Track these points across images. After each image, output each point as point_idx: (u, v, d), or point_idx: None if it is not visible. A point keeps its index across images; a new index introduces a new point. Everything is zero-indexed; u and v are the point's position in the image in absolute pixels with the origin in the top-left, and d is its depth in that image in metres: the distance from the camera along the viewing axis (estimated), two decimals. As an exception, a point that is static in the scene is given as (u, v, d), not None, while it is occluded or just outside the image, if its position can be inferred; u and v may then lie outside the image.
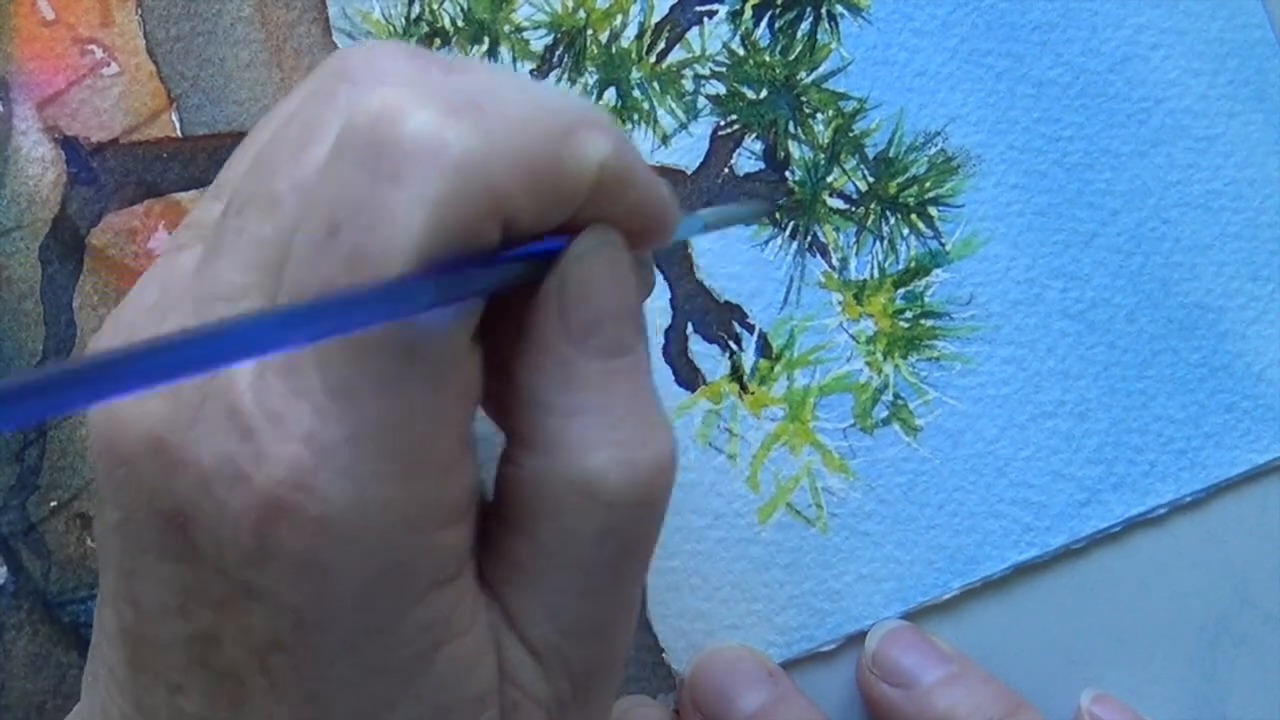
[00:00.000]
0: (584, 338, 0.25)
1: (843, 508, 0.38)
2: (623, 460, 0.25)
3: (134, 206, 0.38)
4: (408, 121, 0.23)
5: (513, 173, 0.23)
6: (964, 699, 0.35)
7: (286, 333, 0.20)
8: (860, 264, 0.38)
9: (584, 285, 0.25)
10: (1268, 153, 0.38)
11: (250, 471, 0.23)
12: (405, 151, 0.22)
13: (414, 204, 0.22)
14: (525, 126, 0.23)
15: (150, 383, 0.18)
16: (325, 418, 0.22)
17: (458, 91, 0.23)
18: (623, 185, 0.25)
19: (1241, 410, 0.38)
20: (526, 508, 0.25)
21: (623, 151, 0.25)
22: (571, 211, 0.25)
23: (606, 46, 0.38)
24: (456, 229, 0.22)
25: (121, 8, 0.38)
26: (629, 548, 0.26)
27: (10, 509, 0.37)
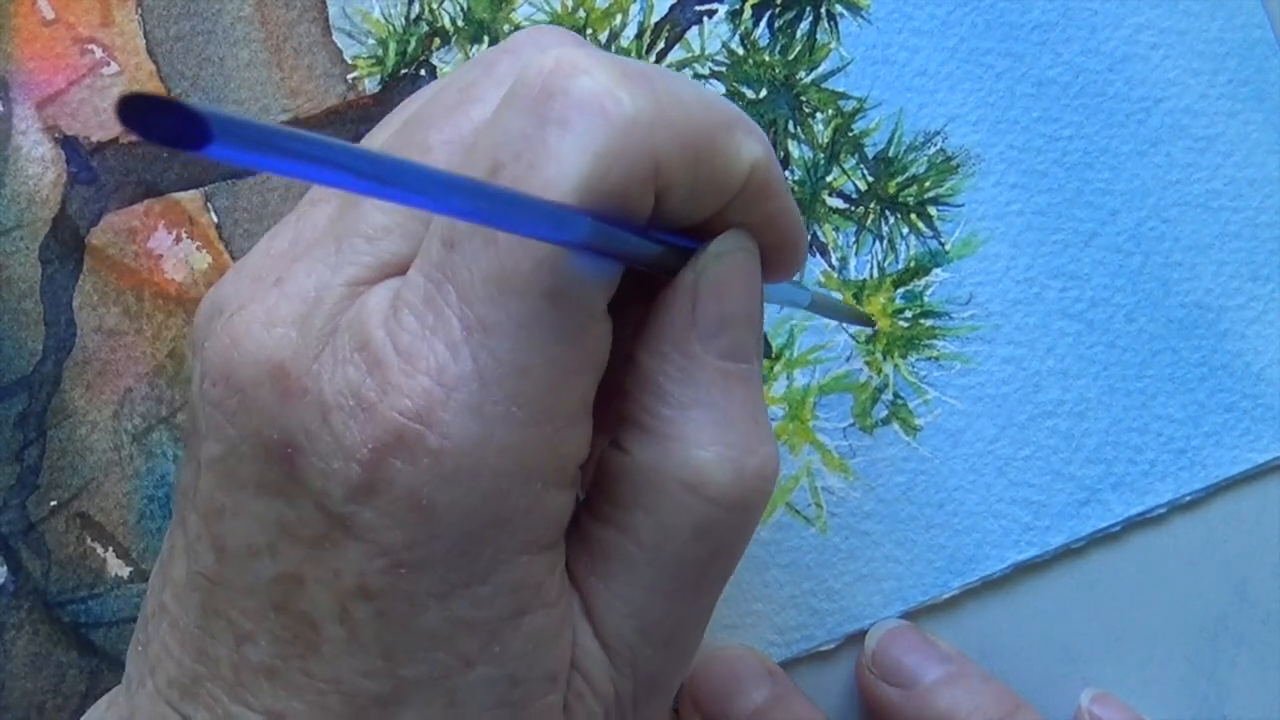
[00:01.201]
0: (711, 335, 0.25)
1: (842, 507, 0.38)
2: (731, 460, 0.25)
3: (134, 206, 0.38)
4: (583, 76, 0.23)
5: (675, 145, 0.23)
6: (963, 699, 0.35)
7: (454, 192, 0.20)
8: (860, 264, 0.38)
9: (719, 284, 0.25)
10: (1268, 153, 0.38)
11: (374, 401, 0.23)
12: (577, 101, 0.23)
13: (579, 149, 0.22)
14: (692, 108, 0.24)
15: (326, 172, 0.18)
16: (458, 354, 0.23)
17: (631, 64, 0.24)
18: (767, 193, 0.25)
19: (1241, 410, 0.38)
20: (625, 497, 0.25)
21: (773, 161, 0.25)
22: (721, 203, 0.25)
23: (606, 46, 0.38)
24: (615, 183, 0.23)
25: (121, 7, 0.38)
26: (720, 551, 0.26)
27: (10, 509, 0.37)
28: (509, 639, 0.24)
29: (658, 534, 0.25)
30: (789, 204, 0.27)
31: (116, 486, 0.37)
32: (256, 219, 0.38)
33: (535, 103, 0.23)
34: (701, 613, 0.27)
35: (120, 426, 0.37)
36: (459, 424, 0.23)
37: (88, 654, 0.37)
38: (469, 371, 0.23)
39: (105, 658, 0.37)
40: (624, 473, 0.25)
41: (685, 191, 0.24)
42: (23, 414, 0.37)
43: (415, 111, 0.26)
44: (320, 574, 0.24)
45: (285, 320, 0.24)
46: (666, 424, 0.25)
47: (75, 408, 0.37)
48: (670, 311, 0.25)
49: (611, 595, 0.26)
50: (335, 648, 0.24)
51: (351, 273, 0.24)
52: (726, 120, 0.25)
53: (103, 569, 0.37)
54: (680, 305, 0.25)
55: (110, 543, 0.37)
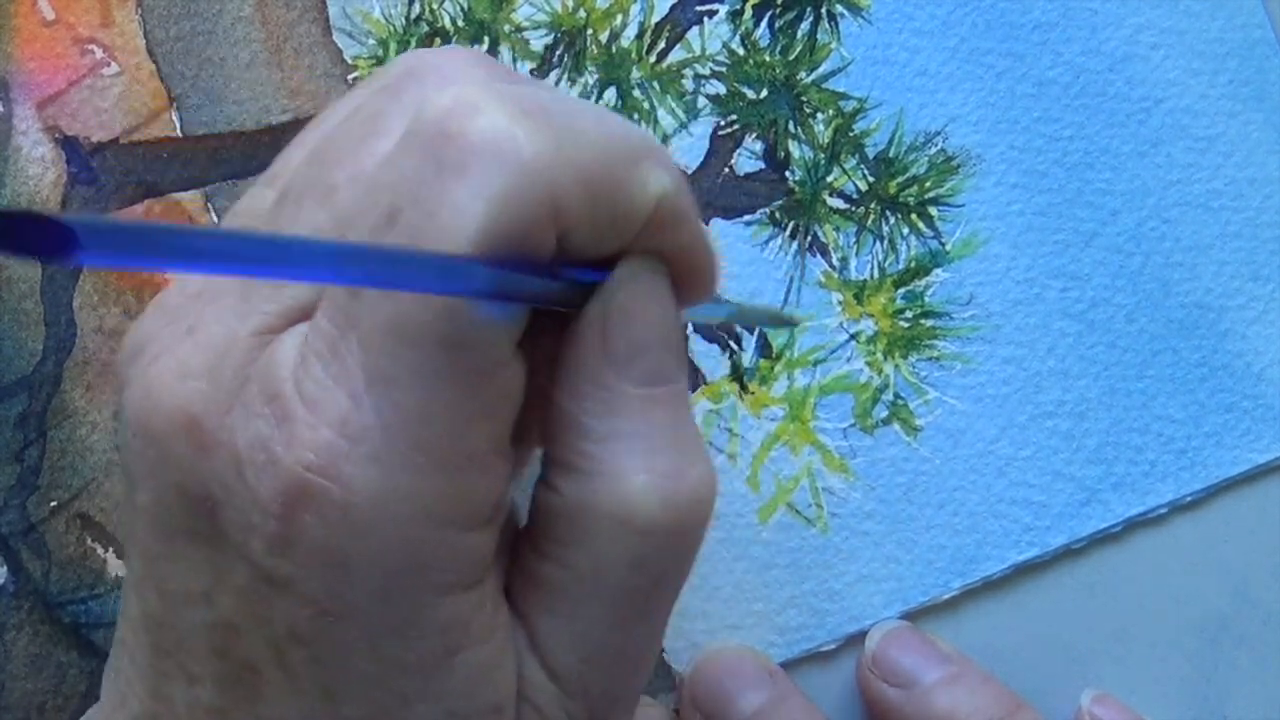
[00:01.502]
0: (625, 364, 0.25)
1: (843, 508, 0.38)
2: (659, 489, 0.25)
3: (134, 206, 0.38)
4: (479, 117, 0.23)
5: (576, 185, 0.23)
6: (964, 699, 0.35)
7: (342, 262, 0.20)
8: (860, 264, 0.38)
9: (628, 310, 0.25)
10: (1268, 153, 0.38)
11: (281, 455, 0.23)
12: (473, 145, 0.22)
13: (476, 196, 0.22)
14: (593, 144, 0.24)
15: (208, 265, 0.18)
16: (360, 404, 0.23)
17: (530, 98, 0.23)
18: (676, 223, 0.25)
19: (1241, 410, 0.38)
20: (560, 533, 0.25)
21: (681, 190, 0.25)
22: (627, 239, 0.25)
23: (607, 46, 0.38)
24: (514, 228, 0.22)
25: (121, 8, 0.38)
26: (660, 579, 0.26)
27: (10, 509, 0.37)
28: (444, 677, 0.24)
29: (595, 568, 0.25)
30: (697, 231, 0.26)
31: (117, 487, 0.37)
32: (257, 219, 0.38)
33: (431, 146, 0.23)
34: (650, 634, 0.27)
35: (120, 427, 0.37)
36: (362, 475, 0.23)
37: (88, 654, 0.37)
38: (371, 422, 0.23)
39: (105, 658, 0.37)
40: (557, 511, 0.25)
41: (588, 229, 0.24)
42: (23, 414, 0.37)
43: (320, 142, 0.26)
44: (253, 621, 0.24)
45: (196, 372, 0.24)
46: (591, 460, 0.25)
47: (75, 408, 0.37)
48: (581, 345, 0.25)
49: (556, 628, 0.26)
50: (277, 690, 0.24)
51: (258, 321, 0.24)
52: (630, 153, 0.24)
53: (103, 569, 0.37)
54: (591, 337, 0.25)
55: (111, 543, 0.37)
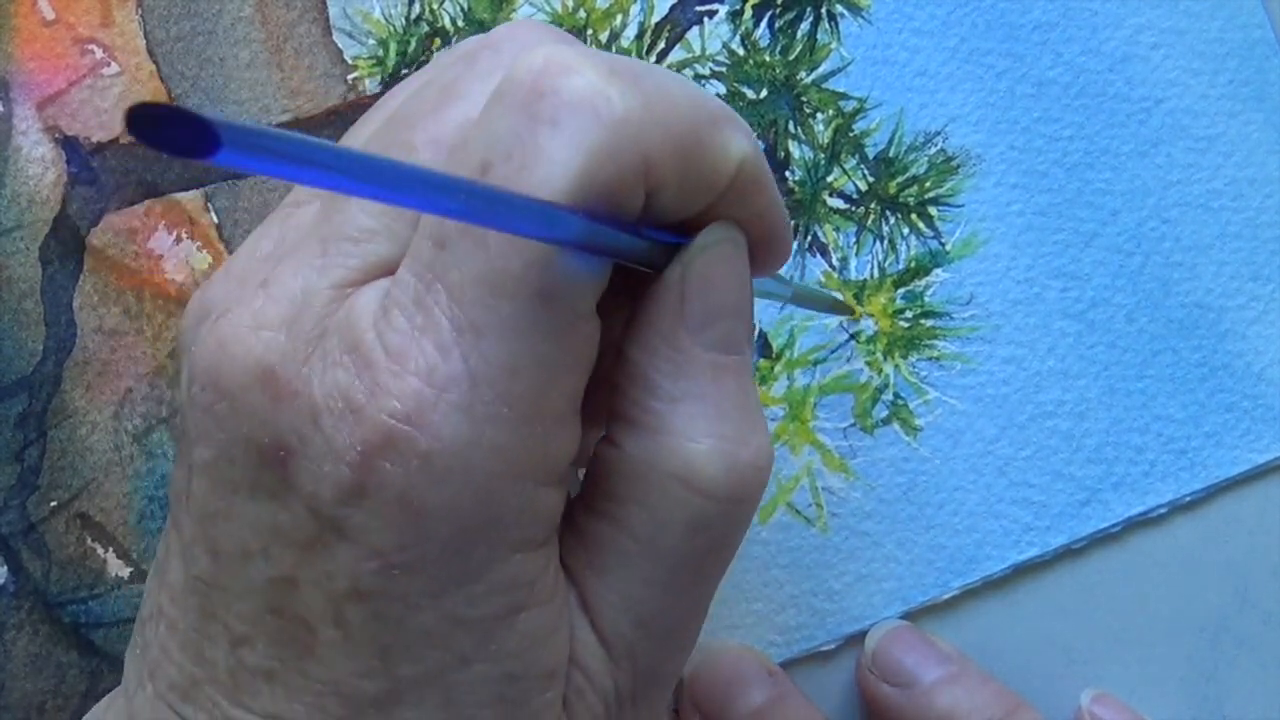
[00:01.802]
0: (700, 327, 0.25)
1: (843, 507, 0.38)
2: (724, 453, 0.25)
3: (134, 206, 0.38)
4: (573, 75, 0.23)
5: (665, 143, 0.23)
6: (963, 699, 0.35)
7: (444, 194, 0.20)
8: (860, 264, 0.38)
9: (707, 276, 0.25)
10: (1268, 153, 0.38)
11: (363, 403, 0.23)
12: (567, 100, 0.23)
13: (569, 148, 0.22)
14: (681, 105, 0.24)
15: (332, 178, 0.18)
16: (448, 354, 0.23)
17: (618, 61, 0.24)
18: (756, 189, 0.25)
19: (1241, 410, 0.38)
20: (619, 490, 0.25)
21: (760, 157, 0.25)
22: (710, 199, 0.25)
23: (607, 46, 0.38)
24: (606, 181, 0.23)
25: (121, 8, 0.38)
26: (716, 544, 0.26)
27: (10, 509, 0.37)
28: (504, 637, 0.24)
29: (652, 528, 0.25)
30: (776, 199, 0.27)
31: (117, 487, 0.37)
32: (257, 219, 0.38)
33: (525, 102, 0.23)
34: (699, 604, 0.27)
35: (120, 427, 0.37)
36: (449, 425, 0.23)
37: (88, 654, 0.37)
38: (459, 372, 0.23)
39: (105, 658, 0.37)
40: (617, 467, 0.25)
41: (675, 188, 0.24)
42: (23, 414, 0.37)
43: (397, 109, 0.26)
44: (314, 576, 0.24)
45: (272, 323, 0.24)
46: (658, 418, 0.25)
47: (75, 408, 0.37)
48: (658, 305, 0.25)
49: (608, 589, 0.26)
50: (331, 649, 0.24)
51: (339, 275, 0.24)
52: (715, 117, 0.24)
53: (103, 569, 0.37)
54: (668, 299, 0.25)
55: (110, 543, 0.37)
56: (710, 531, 0.25)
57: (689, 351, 0.25)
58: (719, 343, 0.26)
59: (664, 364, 0.25)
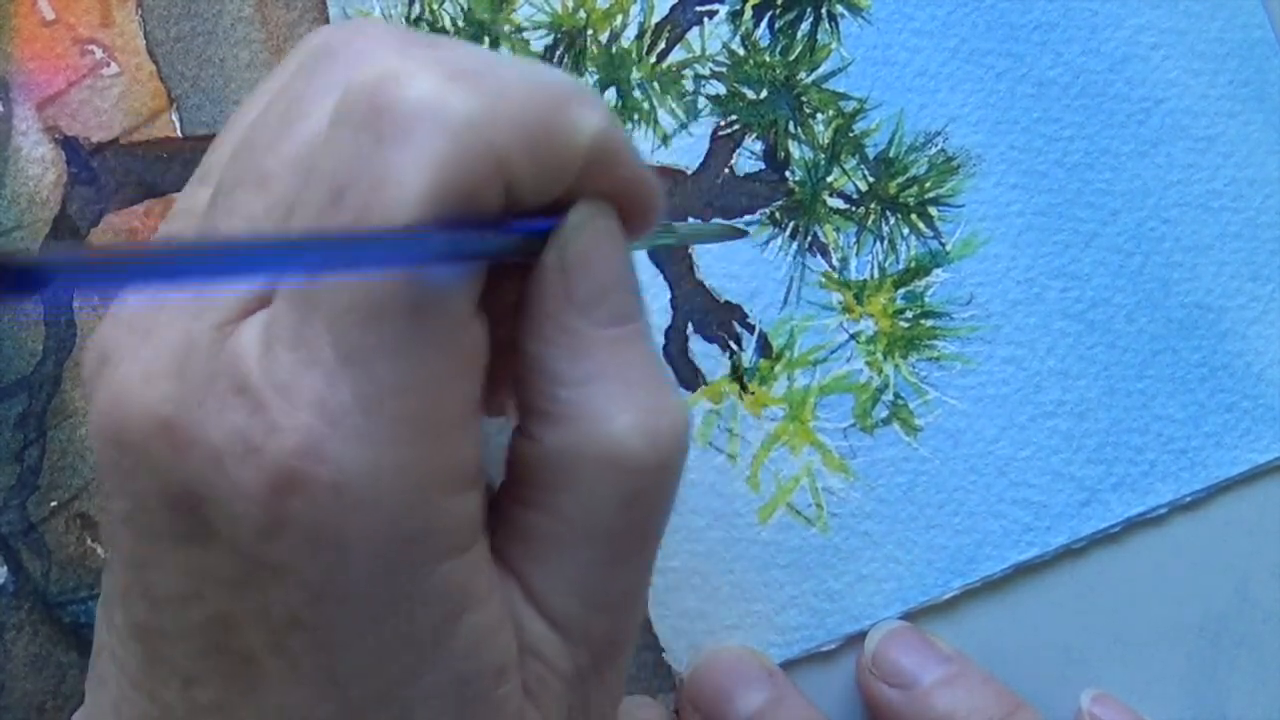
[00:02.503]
0: (589, 306, 0.25)
1: (843, 508, 0.38)
2: (643, 425, 0.25)
3: (134, 206, 0.38)
4: (409, 86, 0.23)
5: (514, 137, 0.23)
6: (963, 699, 0.35)
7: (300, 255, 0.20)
8: (860, 264, 0.38)
9: (585, 254, 0.25)
10: (1268, 153, 0.38)
11: (261, 443, 0.23)
12: (408, 113, 0.23)
13: (420, 163, 0.22)
14: (523, 93, 0.24)
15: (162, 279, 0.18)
16: (335, 384, 0.23)
17: (454, 61, 0.24)
18: (614, 160, 0.25)
19: (1241, 410, 0.38)
20: (545, 481, 0.25)
21: (614, 126, 0.25)
22: (568, 182, 0.25)
23: (607, 47, 0.38)
24: (461, 189, 0.23)
25: (121, 8, 0.38)
26: (649, 513, 0.26)
27: (10, 509, 0.37)
28: (449, 643, 0.24)
29: (585, 511, 0.25)
30: (636, 165, 0.26)
31: (117, 487, 0.37)
32: (257, 219, 0.38)
33: (366, 120, 0.23)
34: (643, 570, 0.27)
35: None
36: (348, 455, 0.23)
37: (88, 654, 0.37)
38: (349, 401, 0.23)
39: (105, 658, 0.37)
40: (539, 459, 0.25)
41: (531, 178, 0.24)
42: (23, 414, 0.37)
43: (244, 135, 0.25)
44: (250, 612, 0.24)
45: (161, 373, 0.24)
46: (568, 405, 0.25)
47: (75, 408, 0.37)
48: (544, 293, 0.25)
49: (550, 575, 0.26)
50: (279, 680, 0.24)
51: (215, 315, 0.24)
52: (559, 97, 0.24)
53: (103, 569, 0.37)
54: (552, 285, 0.25)
55: (110, 543, 0.37)
56: (643, 502, 0.25)
57: (584, 333, 0.25)
58: (613, 317, 0.25)
59: (562, 350, 0.25)
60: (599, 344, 0.25)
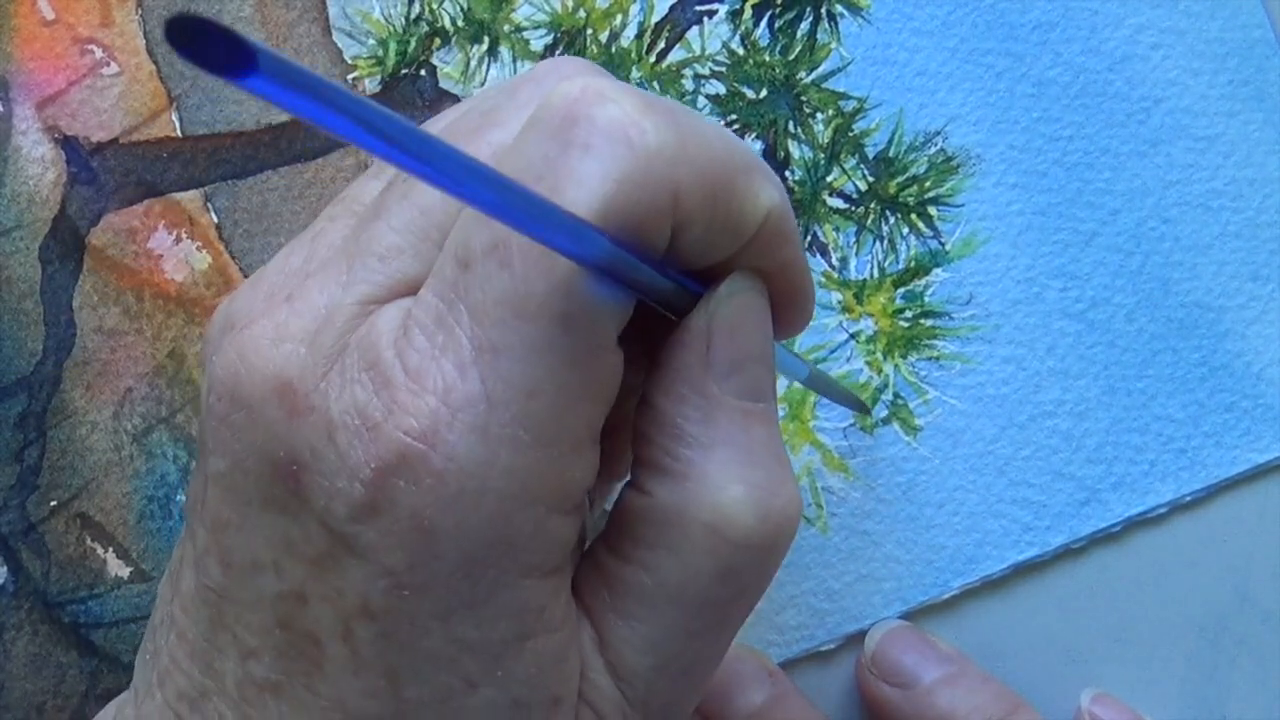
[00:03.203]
0: (727, 374, 0.25)
1: (842, 507, 0.38)
2: (757, 501, 0.25)
3: (134, 206, 0.38)
4: (607, 104, 0.23)
5: (695, 180, 0.23)
6: (963, 699, 0.35)
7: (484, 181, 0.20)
8: (860, 263, 0.38)
9: (733, 323, 0.25)
10: (1268, 152, 0.38)
11: (380, 421, 0.23)
12: (600, 127, 0.23)
13: (601, 174, 0.23)
14: (713, 146, 0.24)
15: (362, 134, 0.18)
16: (466, 374, 0.23)
17: (655, 98, 0.24)
18: (781, 241, 0.25)
19: (1241, 410, 0.38)
20: (647, 537, 0.25)
21: (789, 209, 0.25)
22: (736, 246, 0.25)
23: (606, 46, 0.38)
24: (635, 212, 0.23)
25: (121, 7, 0.38)
26: (744, 590, 0.26)
27: (10, 509, 0.37)
28: (512, 662, 0.24)
29: (681, 575, 0.25)
30: (800, 255, 0.27)
31: (116, 487, 0.37)
32: (256, 219, 0.38)
33: (559, 127, 0.23)
34: (720, 647, 0.27)
35: (120, 426, 0.37)
36: (463, 445, 0.23)
37: (88, 655, 0.37)
38: (476, 393, 0.23)
39: (105, 658, 0.37)
40: (646, 514, 0.25)
41: (701, 229, 0.24)
42: (23, 414, 0.37)
43: (437, 134, 0.26)
44: (323, 592, 0.24)
45: (294, 337, 0.24)
46: (688, 465, 0.25)
47: (75, 408, 0.37)
48: (684, 352, 0.25)
49: (630, 632, 0.26)
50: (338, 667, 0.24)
51: (363, 291, 0.24)
52: (747, 163, 0.24)
53: (103, 569, 0.37)
54: (695, 346, 0.25)
55: (110, 543, 0.37)
56: (739, 578, 0.25)
57: (718, 399, 0.25)
58: (747, 390, 0.25)
59: (693, 411, 0.25)
60: (729, 412, 0.25)
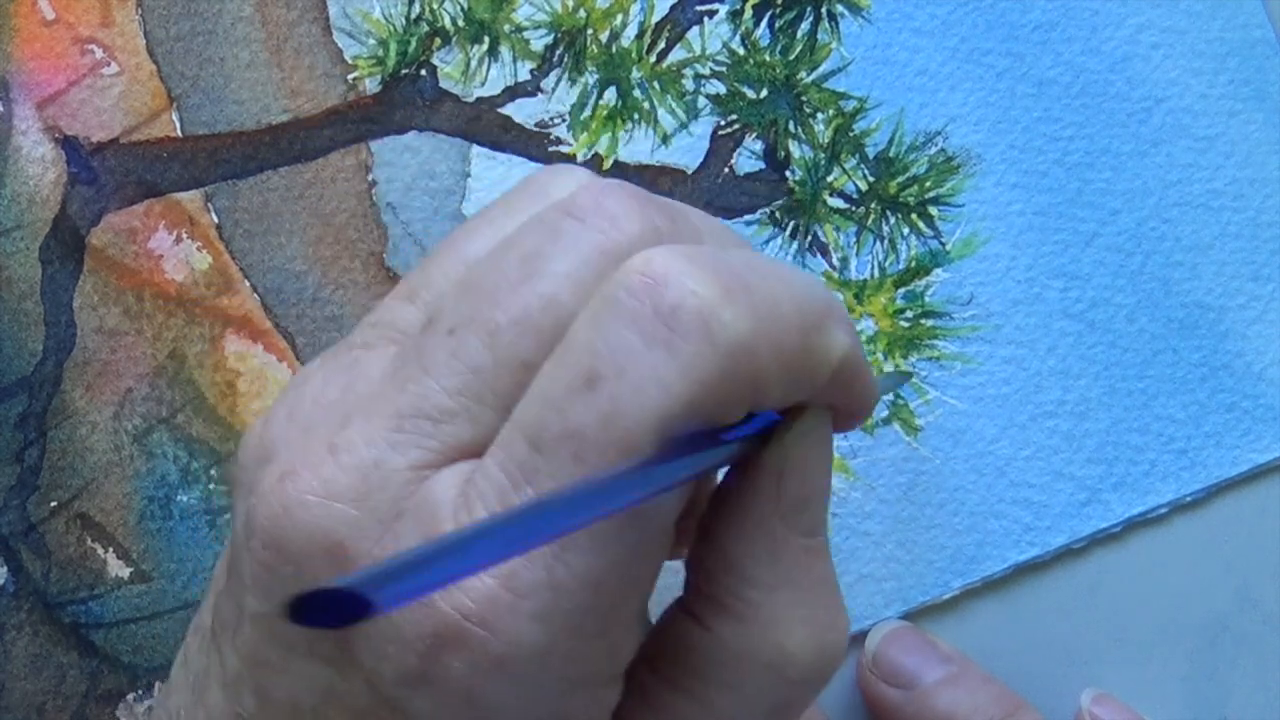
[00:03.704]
0: (795, 513, 0.25)
1: (843, 507, 0.38)
2: (816, 640, 0.25)
3: (134, 206, 0.38)
4: (688, 292, 0.23)
5: (774, 361, 0.23)
6: (964, 699, 0.35)
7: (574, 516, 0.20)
8: (860, 264, 0.38)
9: (804, 464, 0.26)
10: (1268, 153, 0.38)
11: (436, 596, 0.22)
12: (683, 323, 0.22)
13: (682, 375, 0.22)
14: (789, 317, 0.24)
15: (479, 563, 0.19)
16: (531, 561, 0.22)
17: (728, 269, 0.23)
18: (851, 380, 0.26)
19: (1242, 410, 0.38)
20: (704, 671, 0.25)
21: (858, 346, 0.25)
22: (808, 397, 0.25)
23: (607, 46, 0.38)
24: (712, 407, 0.23)
25: (121, 8, 0.38)
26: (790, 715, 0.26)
27: (10, 509, 0.37)
28: None
29: (738, 710, 0.25)
30: (870, 388, 0.27)
31: (117, 487, 0.37)
32: (257, 219, 0.38)
33: (638, 316, 0.23)
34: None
35: (120, 427, 0.37)
36: (526, 631, 0.22)
37: (88, 655, 0.37)
38: (541, 580, 0.22)
39: (105, 659, 0.37)
40: (705, 649, 0.25)
41: (779, 395, 0.24)
42: (23, 415, 0.37)
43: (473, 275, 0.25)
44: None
45: (343, 495, 0.23)
46: (754, 607, 0.25)
47: (75, 408, 0.37)
48: (754, 492, 0.25)
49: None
50: None
51: (416, 456, 0.24)
52: (820, 319, 0.24)
53: (103, 570, 0.37)
54: (766, 486, 0.25)
55: (110, 543, 0.37)
56: (791, 709, 0.26)
57: (783, 539, 0.25)
58: (810, 527, 0.26)
59: (760, 552, 0.25)
60: (794, 552, 0.25)
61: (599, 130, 0.38)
